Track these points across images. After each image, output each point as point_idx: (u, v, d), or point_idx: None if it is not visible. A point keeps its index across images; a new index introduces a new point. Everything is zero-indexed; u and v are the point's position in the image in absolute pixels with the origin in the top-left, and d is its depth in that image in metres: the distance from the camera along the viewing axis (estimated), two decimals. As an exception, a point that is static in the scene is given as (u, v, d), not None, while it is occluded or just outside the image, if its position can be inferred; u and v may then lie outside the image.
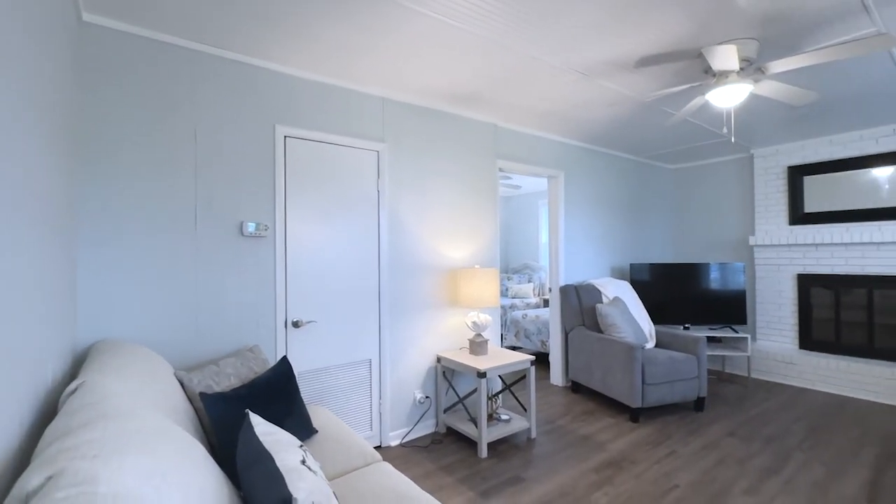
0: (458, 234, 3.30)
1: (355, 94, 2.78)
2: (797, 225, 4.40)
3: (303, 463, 1.25)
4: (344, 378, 2.73)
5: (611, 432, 3.08)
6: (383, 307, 2.88)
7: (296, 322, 2.51)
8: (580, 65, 2.52)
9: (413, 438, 3.00)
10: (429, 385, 3.11)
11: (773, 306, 4.53)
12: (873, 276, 3.92)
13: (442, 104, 3.15)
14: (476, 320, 2.99)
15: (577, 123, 3.68)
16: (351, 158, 2.77)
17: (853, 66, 2.60)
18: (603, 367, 3.53)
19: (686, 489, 2.35)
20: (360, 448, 1.86)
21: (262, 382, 1.85)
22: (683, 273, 4.52)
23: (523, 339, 5.05)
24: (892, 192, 3.85)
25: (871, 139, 3.94)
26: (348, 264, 2.75)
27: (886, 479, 2.44)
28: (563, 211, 4.19)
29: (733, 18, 2.05)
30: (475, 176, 3.41)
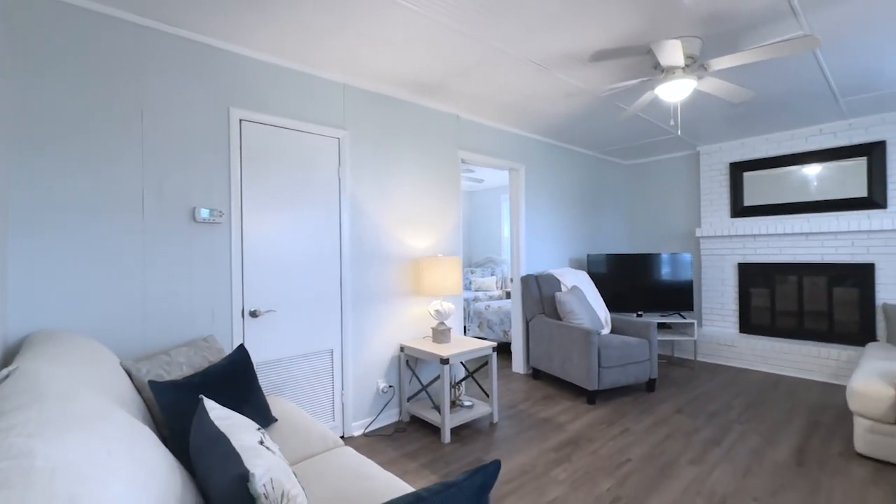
0: (421, 223, 3.31)
1: (315, 79, 2.72)
2: (738, 217, 4.72)
3: (260, 443, 1.23)
4: (305, 368, 2.68)
5: (569, 414, 3.20)
6: (345, 296, 2.84)
7: (253, 312, 2.44)
8: (538, 56, 2.59)
9: (376, 428, 2.99)
10: (392, 374, 3.11)
11: (717, 293, 4.85)
12: (803, 263, 4.28)
13: (404, 93, 3.15)
14: (439, 308, 3.01)
15: (537, 117, 3.77)
16: (311, 145, 2.72)
17: (785, 68, 2.82)
18: (562, 352, 3.66)
19: (637, 462, 2.48)
20: (321, 434, 1.84)
21: (217, 370, 1.79)
22: (636, 263, 4.75)
23: (486, 330, 5.14)
24: (819, 188, 4.20)
25: (801, 138, 4.29)
26: (309, 252, 2.70)
27: (812, 444, 2.68)
28: (524, 203, 4.29)
29: (678, 16, 2.17)
30: (438, 166, 3.43)
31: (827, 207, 4.15)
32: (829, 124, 4.10)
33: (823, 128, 4.14)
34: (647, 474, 2.35)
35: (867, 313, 3.94)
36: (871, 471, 2.35)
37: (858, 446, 2.49)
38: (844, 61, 2.73)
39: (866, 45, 2.51)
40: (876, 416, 2.41)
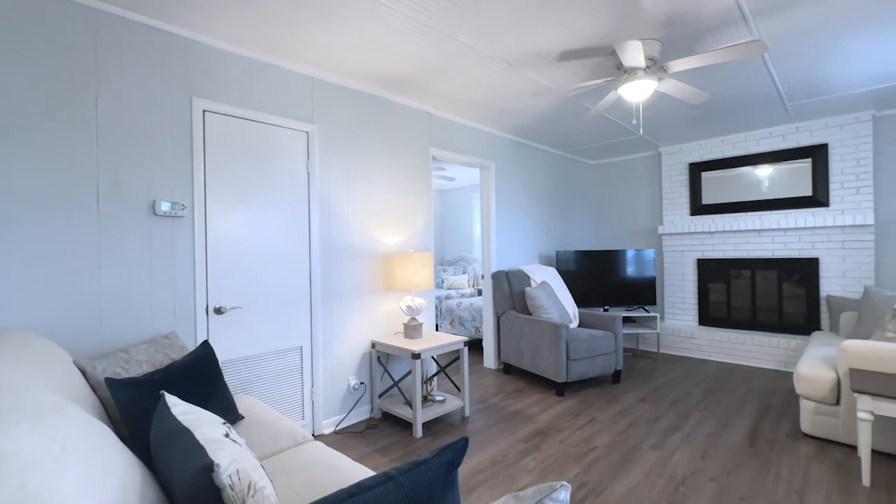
0: (392, 219, 3.30)
1: (283, 71, 2.67)
2: (697, 215, 4.95)
3: (226, 436, 1.20)
4: (273, 366, 2.62)
5: (539, 406, 3.27)
6: (315, 293, 2.80)
7: (218, 308, 2.37)
8: (507, 54, 2.64)
9: (348, 425, 2.97)
10: (363, 371, 3.09)
11: (678, 288, 5.07)
12: (755, 259, 4.53)
13: (375, 88, 3.13)
14: (410, 304, 3.02)
15: (507, 115, 3.83)
16: (279, 138, 2.67)
17: (738, 73, 2.99)
18: (532, 346, 3.73)
19: (603, 449, 2.57)
20: (290, 430, 1.82)
21: (179, 367, 1.73)
22: (603, 259, 4.90)
23: (458, 327, 5.17)
24: (769, 187, 4.46)
25: (753, 140, 4.54)
26: (277, 248, 2.65)
27: (763, 426, 2.84)
28: (495, 201, 4.35)
29: (639, 18, 2.27)
30: (410, 162, 3.43)
31: (777, 206, 4.41)
32: (778, 127, 4.36)
33: (773, 130, 4.40)
34: (612, 460, 2.44)
35: (812, 305, 4.21)
36: (815, 448, 2.52)
37: (804, 426, 2.67)
38: (791, 67, 2.92)
39: (810, 52, 2.69)
40: (819, 398, 2.58)
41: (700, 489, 2.13)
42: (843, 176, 4.06)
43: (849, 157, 4.02)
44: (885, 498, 2.02)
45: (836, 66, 2.91)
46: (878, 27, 2.40)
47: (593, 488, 2.15)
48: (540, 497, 0.62)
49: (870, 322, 3.08)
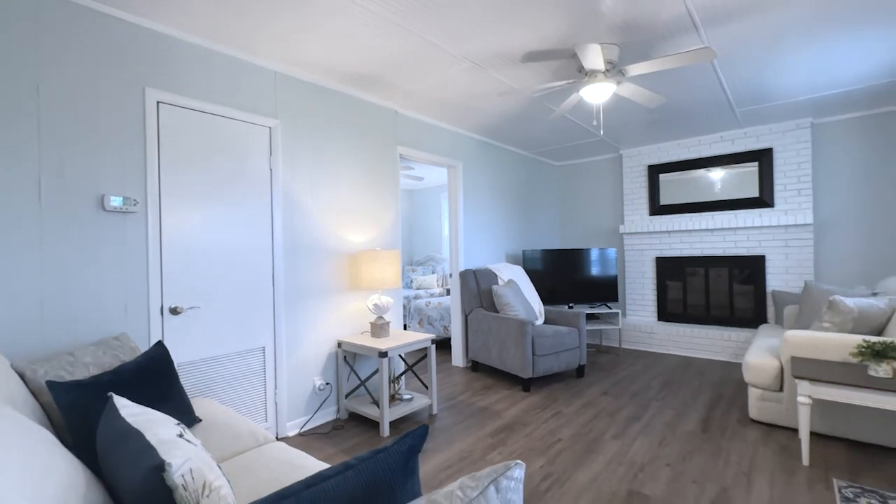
0: (359, 217, 3.26)
1: (244, 63, 2.60)
2: (655, 216, 5.16)
3: (180, 436, 1.15)
4: (234, 368, 2.54)
5: (506, 402, 3.32)
6: (278, 292, 2.74)
7: (174, 308, 2.27)
8: (473, 54, 2.67)
9: (313, 427, 2.91)
10: (329, 371, 3.04)
11: (638, 285, 5.27)
12: (709, 256, 4.77)
13: (341, 85, 3.09)
14: (377, 302, 2.99)
15: (474, 115, 3.88)
16: (239, 133, 2.59)
17: (691, 79, 3.14)
18: (499, 343, 3.78)
19: (567, 441, 2.64)
20: (251, 431, 1.76)
21: (130, 368, 1.65)
22: (568, 258, 5.03)
23: (427, 326, 5.17)
24: (721, 189, 4.72)
25: (706, 144, 4.79)
26: (238, 246, 2.57)
27: (715, 414, 3.00)
28: (462, 200, 4.38)
29: (599, 23, 2.35)
30: (376, 160, 3.41)
31: (727, 206, 4.67)
32: (728, 132, 4.61)
33: (724, 135, 4.65)
34: (576, 451, 2.50)
35: (760, 299, 4.48)
36: (762, 433, 2.68)
37: (752, 413, 2.83)
38: (738, 74, 3.10)
39: (756, 61, 2.87)
40: (765, 386, 2.75)
41: (657, 475, 2.22)
42: (786, 179, 4.34)
43: (791, 161, 4.31)
44: (822, 475, 2.18)
45: (779, 74, 3.11)
46: (815, 40, 2.59)
47: (557, 478, 2.21)
48: (495, 476, 0.63)
49: (809, 314, 3.31)
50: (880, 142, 3.98)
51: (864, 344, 2.25)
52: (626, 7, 2.20)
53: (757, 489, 2.07)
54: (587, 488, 2.11)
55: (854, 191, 4.11)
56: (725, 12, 2.27)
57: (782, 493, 2.03)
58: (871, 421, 2.42)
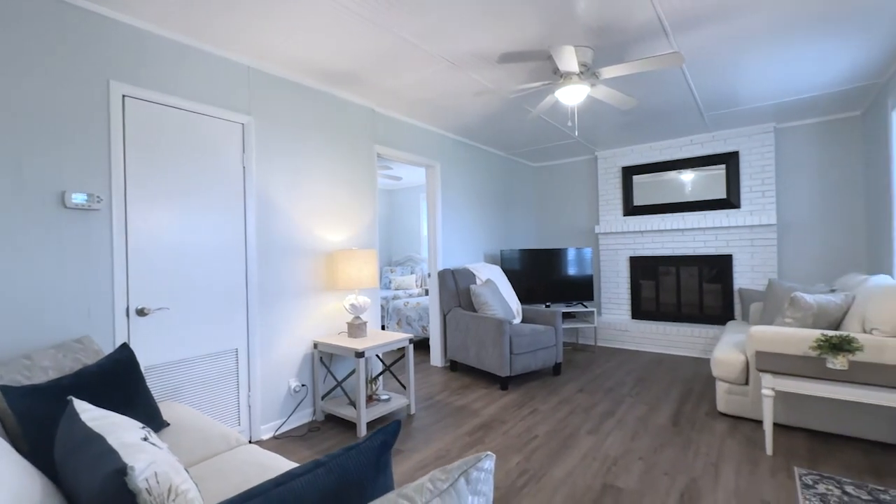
0: (335, 216, 3.23)
1: (216, 58, 2.53)
2: (629, 216, 5.29)
3: (145, 440, 1.12)
4: (205, 370, 2.47)
5: (483, 401, 3.34)
6: (251, 292, 2.68)
7: (141, 310, 2.20)
8: (450, 54, 2.68)
9: (288, 429, 2.86)
10: (305, 372, 2.99)
11: (613, 284, 5.38)
12: (679, 256, 4.92)
13: (317, 82, 3.05)
14: (354, 302, 2.96)
15: (452, 115, 3.89)
16: (211, 129, 2.52)
17: (662, 83, 3.24)
18: (477, 342, 3.80)
19: (544, 437, 2.67)
20: (222, 434, 1.72)
21: (92, 372, 1.58)
22: (545, 257, 5.10)
23: (405, 327, 5.15)
24: (692, 190, 4.87)
25: (677, 147, 4.94)
26: (209, 245, 2.50)
27: (685, 408, 3.09)
28: (440, 200, 4.39)
29: (573, 26, 2.39)
30: (353, 159, 3.38)
31: (697, 207, 4.82)
32: (698, 136, 4.77)
33: (693, 138, 4.81)
34: (552, 447, 2.54)
35: (728, 297, 4.64)
36: (729, 425, 2.77)
37: (720, 406, 2.93)
38: (706, 79, 3.21)
39: (722, 66, 2.98)
40: (731, 380, 2.85)
41: (630, 468, 2.27)
42: (752, 181, 4.52)
43: (756, 163, 4.48)
44: (784, 464, 2.27)
45: (744, 80, 3.24)
46: (777, 49, 2.71)
47: (534, 474, 2.23)
48: (466, 467, 0.64)
49: (773, 310, 3.45)
50: (836, 146, 4.18)
51: (823, 338, 2.36)
52: (599, 11, 2.25)
53: (724, 479, 2.15)
54: (563, 483, 2.14)
55: (813, 193, 4.31)
56: (694, 19, 2.35)
57: (747, 482, 2.11)
58: (828, 411, 2.54)
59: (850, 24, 2.44)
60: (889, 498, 1.93)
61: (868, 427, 2.45)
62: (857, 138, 4.10)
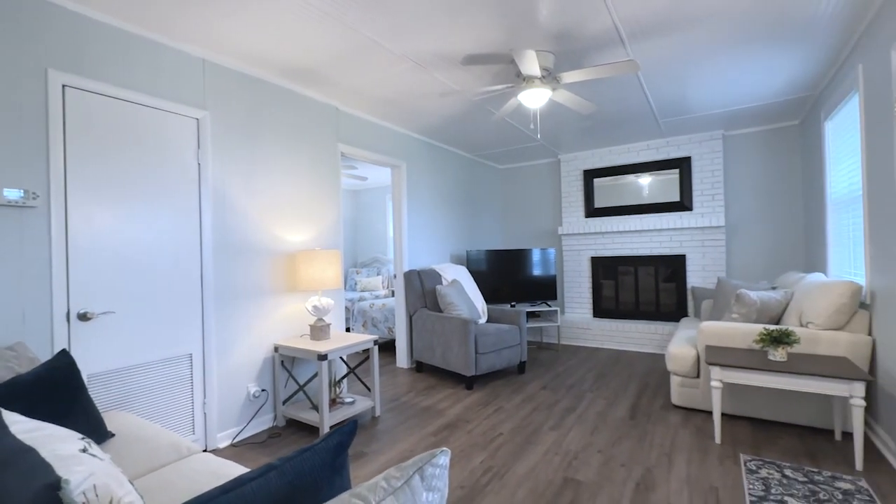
0: (298, 216, 3.15)
1: (168, 49, 2.42)
2: (591, 217, 5.45)
3: (83, 451, 1.05)
4: (157, 377, 2.35)
5: (449, 401, 3.35)
6: (207, 294, 2.57)
7: (84, 314, 2.06)
8: (414, 53, 2.68)
9: (247, 436, 2.76)
10: (265, 377, 2.90)
11: (576, 284, 5.54)
12: (638, 256, 5.12)
13: (278, 78, 2.97)
14: (317, 304, 2.90)
15: (417, 115, 3.88)
16: (163, 124, 2.40)
17: (620, 89, 3.36)
18: (443, 343, 3.81)
19: (508, 435, 2.71)
20: (172, 443, 1.64)
21: (26, 381, 1.47)
22: (510, 258, 5.18)
23: (371, 328, 5.09)
24: (649, 193, 5.08)
25: (634, 151, 5.14)
26: (160, 245, 2.38)
27: (642, 402, 3.22)
28: (406, 200, 4.37)
29: (535, 31, 2.44)
30: (317, 158, 3.31)
31: (653, 209, 5.03)
32: (653, 141, 4.99)
33: (650, 144, 5.02)
34: (516, 444, 2.58)
35: (681, 295, 4.88)
36: (682, 417, 2.91)
37: (674, 399, 3.07)
38: (660, 87, 3.36)
39: (675, 75, 3.13)
40: (684, 373, 3.00)
41: (589, 461, 2.34)
42: (702, 185, 4.76)
43: (706, 168, 4.73)
44: (730, 452, 2.41)
45: (695, 89, 3.41)
46: (725, 60, 2.87)
47: (497, 472, 2.26)
48: (421, 464, 0.64)
49: (722, 307, 3.66)
50: (778, 153, 4.48)
51: (765, 332, 2.52)
52: (559, 17, 2.31)
53: (676, 468, 2.25)
54: (525, 479, 2.18)
55: (757, 196, 4.60)
56: (648, 29, 2.45)
57: (698, 470, 2.22)
58: (770, 400, 2.72)
59: (788, 40, 2.62)
60: (822, 479, 2.08)
61: (804, 414, 2.64)
62: (795, 146, 4.41)
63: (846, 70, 2.85)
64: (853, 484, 2.03)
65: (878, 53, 2.30)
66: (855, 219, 2.90)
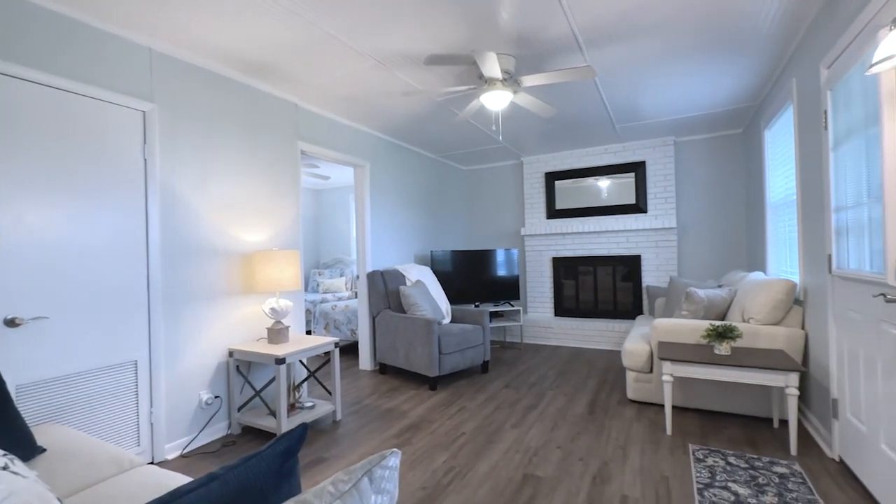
0: (255, 215, 3.04)
1: (111, 36, 2.27)
2: (552, 219, 5.58)
3: (4, 469, 0.96)
4: (97, 386, 2.19)
5: (412, 402, 3.33)
6: (155, 297, 2.43)
7: (11, 320, 1.90)
8: (376, 52, 2.65)
9: (199, 446, 2.63)
10: (219, 383, 2.77)
11: (538, 284, 5.65)
12: (597, 256, 5.29)
13: (234, 72, 2.85)
14: (275, 306, 2.81)
15: (380, 114, 3.84)
16: (104, 116, 2.25)
17: (579, 94, 3.46)
18: (406, 344, 3.78)
19: (470, 434, 2.72)
20: (112, 456, 1.53)
21: (-60, 394, 1.33)
22: (475, 258, 5.22)
23: (333, 331, 4.99)
24: (608, 196, 5.26)
25: (593, 155, 5.31)
26: (100, 246, 2.23)
27: (600, 397, 3.32)
28: (370, 200, 4.31)
29: (496, 34, 2.48)
30: (275, 155, 3.20)
31: (612, 211, 5.22)
32: (611, 145, 5.17)
33: (607, 148, 5.20)
34: (478, 443, 2.59)
35: (637, 294, 5.08)
36: (636, 411, 3.03)
37: (629, 394, 3.19)
38: (617, 94, 3.49)
39: (629, 83, 3.25)
40: (638, 369, 3.12)
41: (549, 457, 2.39)
42: (656, 188, 4.99)
43: (659, 173, 4.96)
44: (680, 442, 2.52)
45: (648, 96, 3.57)
46: (674, 70, 3.01)
47: (459, 471, 2.26)
48: (370, 466, 0.62)
49: (673, 304, 3.84)
50: (724, 159, 4.76)
51: (711, 328, 2.66)
52: (520, 21, 2.35)
53: (630, 459, 2.34)
54: (487, 477, 2.20)
55: (705, 199, 4.86)
56: (605, 37, 2.54)
57: (650, 461, 2.31)
58: (716, 392, 2.87)
59: (732, 53, 2.79)
60: (761, 464, 2.22)
61: (746, 404, 2.81)
62: (739, 153, 4.69)
63: (782, 83, 3.07)
64: (788, 468, 2.18)
65: (810, 68, 2.49)
66: (790, 221, 3.12)
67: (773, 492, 1.97)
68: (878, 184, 1.74)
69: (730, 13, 2.34)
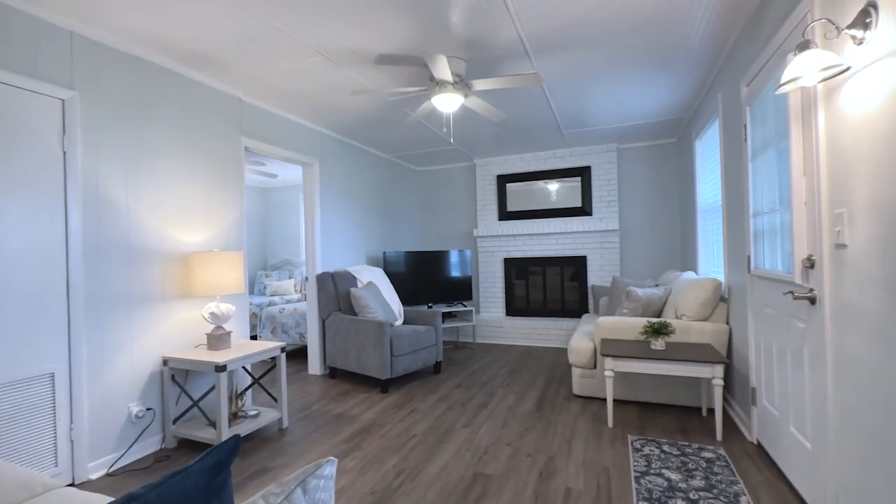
0: (193, 215, 2.86)
1: (21, 14, 2.05)
2: (504, 220, 5.71)
3: None
4: (6, 403, 1.97)
5: (363, 406, 3.27)
6: (75, 303, 2.22)
7: None
8: (325, 48, 2.58)
9: (128, 462, 2.43)
10: (152, 394, 2.58)
11: (490, 284, 5.75)
12: (546, 257, 5.47)
13: (168, 60, 2.67)
14: (215, 311, 2.66)
15: (330, 112, 3.75)
16: (13, 102, 2.03)
17: (528, 100, 3.56)
18: (357, 346, 3.72)
19: (422, 436, 2.72)
20: (22, 481, 1.38)
21: None
22: (428, 259, 5.22)
23: (281, 335, 4.80)
24: (556, 199, 5.45)
25: (542, 159, 5.49)
26: (10, 247, 2.01)
27: (548, 394, 3.44)
28: (319, 200, 4.20)
29: (447, 36, 2.49)
30: (216, 151, 3.04)
31: (560, 214, 5.42)
32: (559, 150, 5.37)
33: (555, 153, 5.39)
34: (429, 444, 2.60)
35: (583, 293, 5.30)
36: (581, 405, 3.16)
37: (575, 389, 3.32)
38: (563, 100, 3.62)
39: (574, 90, 3.39)
40: (583, 365, 3.26)
41: (498, 454, 2.44)
42: (600, 192, 5.24)
43: (603, 177, 5.21)
44: (620, 433, 2.66)
45: (592, 104, 3.74)
46: (614, 81, 3.18)
47: (409, 473, 2.25)
48: (304, 476, 0.61)
49: (616, 303, 4.04)
50: (660, 166, 5.08)
51: (648, 324, 2.83)
52: (470, 25, 2.38)
53: (575, 452, 2.43)
54: (437, 478, 2.20)
55: (644, 203, 5.17)
56: (550, 45, 2.63)
57: (593, 453, 2.42)
58: (652, 385, 3.06)
59: (666, 67, 2.98)
60: (691, 450, 2.39)
61: (679, 395, 3.01)
62: (674, 160, 5.03)
63: (710, 97, 3.32)
64: (714, 453, 2.36)
65: (733, 85, 2.72)
66: (717, 225, 3.39)
67: (700, 475, 2.13)
68: (787, 192, 1.93)
69: (663, 34, 2.50)
